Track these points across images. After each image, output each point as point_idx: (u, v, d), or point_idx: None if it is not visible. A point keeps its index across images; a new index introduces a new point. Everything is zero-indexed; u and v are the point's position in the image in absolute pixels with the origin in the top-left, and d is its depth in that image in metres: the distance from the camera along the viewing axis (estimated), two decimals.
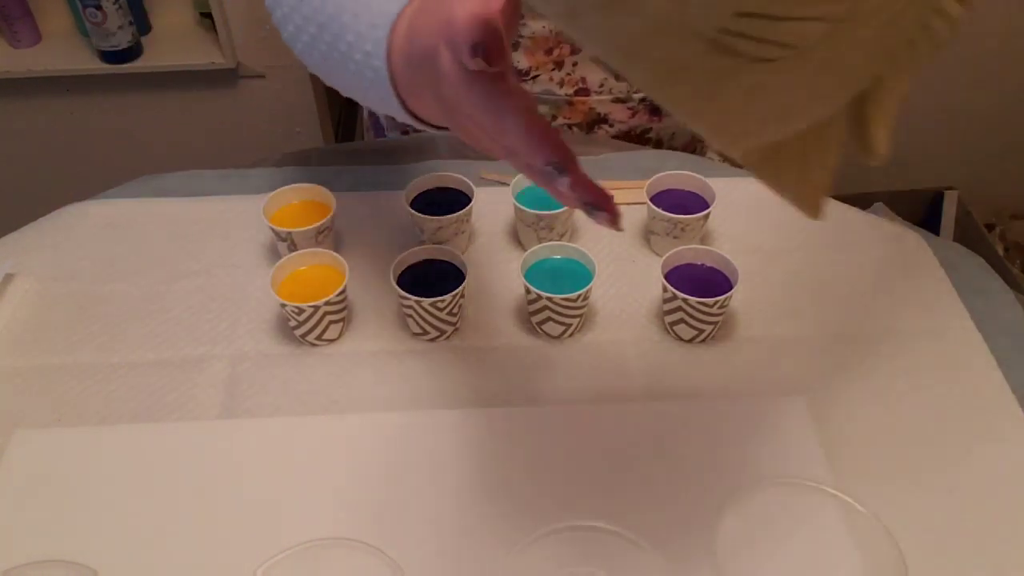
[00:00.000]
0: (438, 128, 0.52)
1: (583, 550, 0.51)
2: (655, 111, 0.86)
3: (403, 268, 0.66)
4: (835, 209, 0.79)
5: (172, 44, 1.48)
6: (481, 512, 0.55)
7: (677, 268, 0.66)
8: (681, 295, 0.62)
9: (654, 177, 0.72)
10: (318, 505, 0.56)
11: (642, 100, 0.85)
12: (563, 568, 0.50)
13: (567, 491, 0.57)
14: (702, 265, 0.66)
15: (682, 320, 0.64)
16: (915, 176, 1.66)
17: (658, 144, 0.90)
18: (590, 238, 0.74)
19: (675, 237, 0.71)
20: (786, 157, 0.36)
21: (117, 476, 0.58)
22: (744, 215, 0.76)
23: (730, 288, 0.63)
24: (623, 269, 0.72)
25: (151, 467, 0.58)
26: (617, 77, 0.83)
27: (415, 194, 0.72)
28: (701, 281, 0.65)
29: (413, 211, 0.70)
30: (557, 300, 0.62)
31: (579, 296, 0.63)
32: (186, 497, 0.56)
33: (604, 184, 0.41)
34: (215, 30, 1.42)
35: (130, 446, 0.60)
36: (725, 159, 0.88)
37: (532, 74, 0.82)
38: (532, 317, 0.66)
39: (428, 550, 0.53)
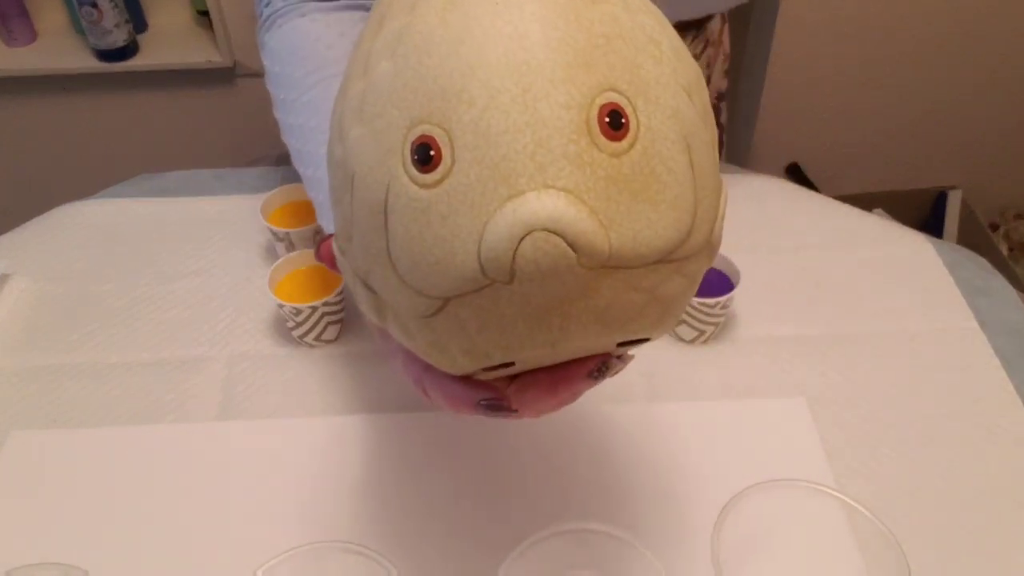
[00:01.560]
0: None
1: (582, 553, 0.50)
2: None
3: None
4: (837, 209, 0.78)
5: (169, 42, 1.48)
6: (480, 514, 0.55)
7: None
8: None
9: None
10: (316, 507, 0.55)
11: None
12: (561, 571, 0.50)
13: (566, 493, 0.56)
14: None
15: (683, 321, 0.64)
16: (919, 176, 1.66)
17: None
18: None
19: None
20: None
21: (114, 478, 0.57)
22: (745, 215, 0.76)
23: (731, 289, 0.63)
24: None
25: (148, 469, 0.58)
26: None
27: None
28: (702, 282, 0.64)
29: None
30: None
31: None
32: (183, 500, 0.56)
33: None
34: (212, 28, 1.41)
35: (127, 448, 0.59)
36: None
37: None
38: None
39: (426, 552, 0.53)
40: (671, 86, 0.31)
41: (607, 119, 0.29)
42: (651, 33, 0.32)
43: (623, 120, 0.30)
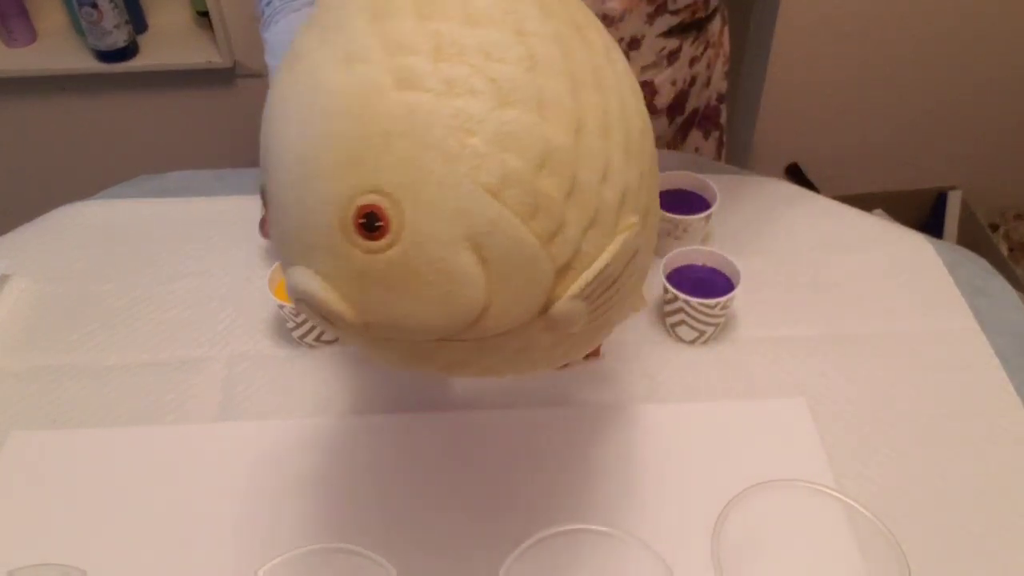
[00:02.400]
0: None
1: (582, 553, 0.50)
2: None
3: None
4: (837, 210, 0.78)
5: (169, 43, 1.47)
6: (480, 515, 0.55)
7: (678, 269, 0.66)
8: (683, 296, 0.62)
9: None
10: (316, 507, 0.55)
11: None
12: (561, 571, 0.50)
13: (566, 493, 0.56)
14: (703, 266, 0.66)
15: (683, 321, 0.64)
16: (919, 176, 1.65)
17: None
18: None
19: (676, 238, 0.70)
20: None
21: (114, 479, 0.57)
22: (745, 215, 0.76)
23: (731, 289, 0.63)
24: None
25: (148, 470, 0.58)
26: None
27: None
28: (702, 282, 0.65)
29: None
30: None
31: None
32: (183, 500, 0.56)
33: None
34: (212, 29, 1.41)
35: (127, 449, 0.59)
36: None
37: None
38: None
39: (426, 553, 0.53)
40: (462, 186, 0.30)
41: (362, 220, 0.31)
42: (463, 122, 0.30)
43: (379, 223, 0.31)
